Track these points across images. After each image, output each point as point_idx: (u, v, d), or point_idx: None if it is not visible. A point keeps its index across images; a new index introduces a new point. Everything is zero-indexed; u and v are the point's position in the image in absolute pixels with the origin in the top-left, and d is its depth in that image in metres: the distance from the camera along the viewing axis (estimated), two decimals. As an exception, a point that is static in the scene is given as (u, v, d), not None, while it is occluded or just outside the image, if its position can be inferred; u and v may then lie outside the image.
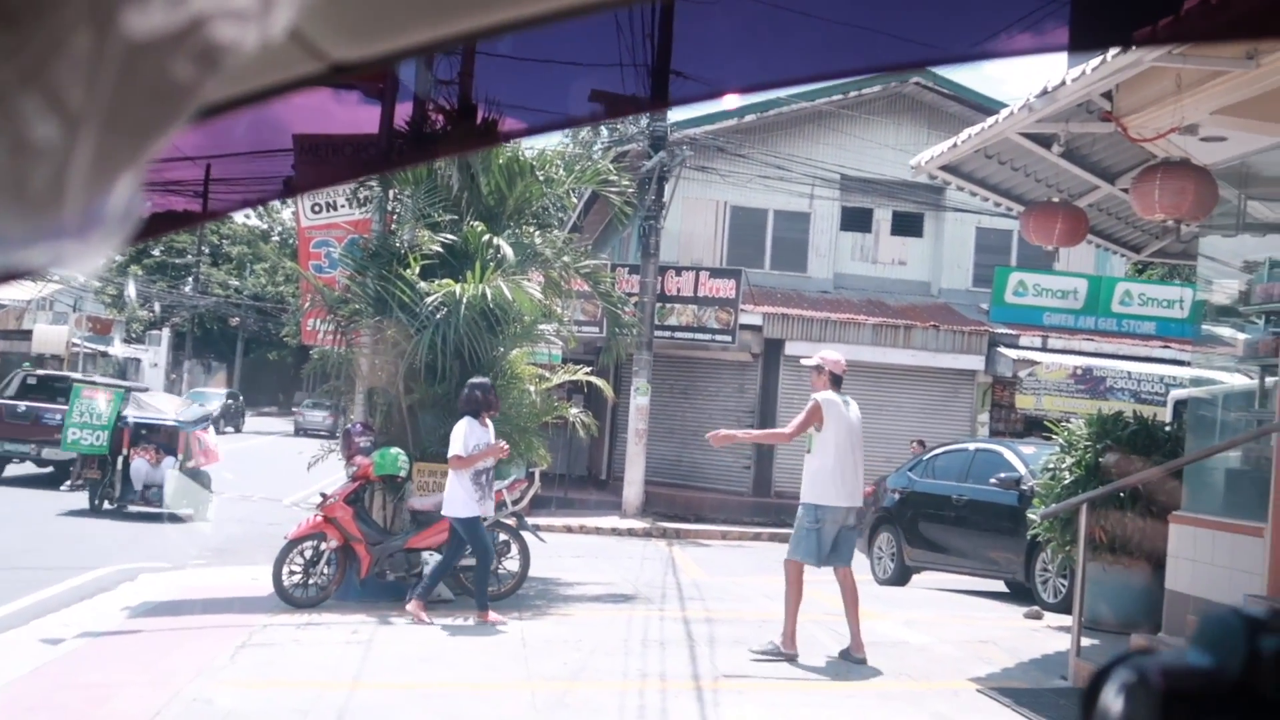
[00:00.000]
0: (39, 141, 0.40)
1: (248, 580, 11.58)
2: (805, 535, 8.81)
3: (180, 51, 0.42)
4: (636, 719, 6.85)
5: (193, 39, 0.42)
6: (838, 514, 8.77)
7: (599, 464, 25.98)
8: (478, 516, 9.94)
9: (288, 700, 6.98)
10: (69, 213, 0.42)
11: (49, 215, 0.42)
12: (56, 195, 0.41)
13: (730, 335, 21.90)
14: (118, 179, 0.44)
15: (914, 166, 10.56)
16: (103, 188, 0.43)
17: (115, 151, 0.42)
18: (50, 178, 0.41)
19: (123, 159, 0.43)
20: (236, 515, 18.18)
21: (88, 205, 0.43)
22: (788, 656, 8.51)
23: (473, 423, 10.02)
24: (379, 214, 12.88)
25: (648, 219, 20.71)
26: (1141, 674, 0.81)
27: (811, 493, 8.79)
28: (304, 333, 15.38)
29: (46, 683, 7.46)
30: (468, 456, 9.82)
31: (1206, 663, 0.81)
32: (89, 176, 0.42)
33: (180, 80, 0.43)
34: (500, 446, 10.22)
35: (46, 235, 0.42)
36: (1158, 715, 0.79)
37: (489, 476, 10.13)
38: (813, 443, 8.84)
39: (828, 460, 8.73)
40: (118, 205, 0.44)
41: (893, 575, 14.64)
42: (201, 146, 1.04)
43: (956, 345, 22.45)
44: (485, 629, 9.45)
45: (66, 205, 0.42)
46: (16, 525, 15.35)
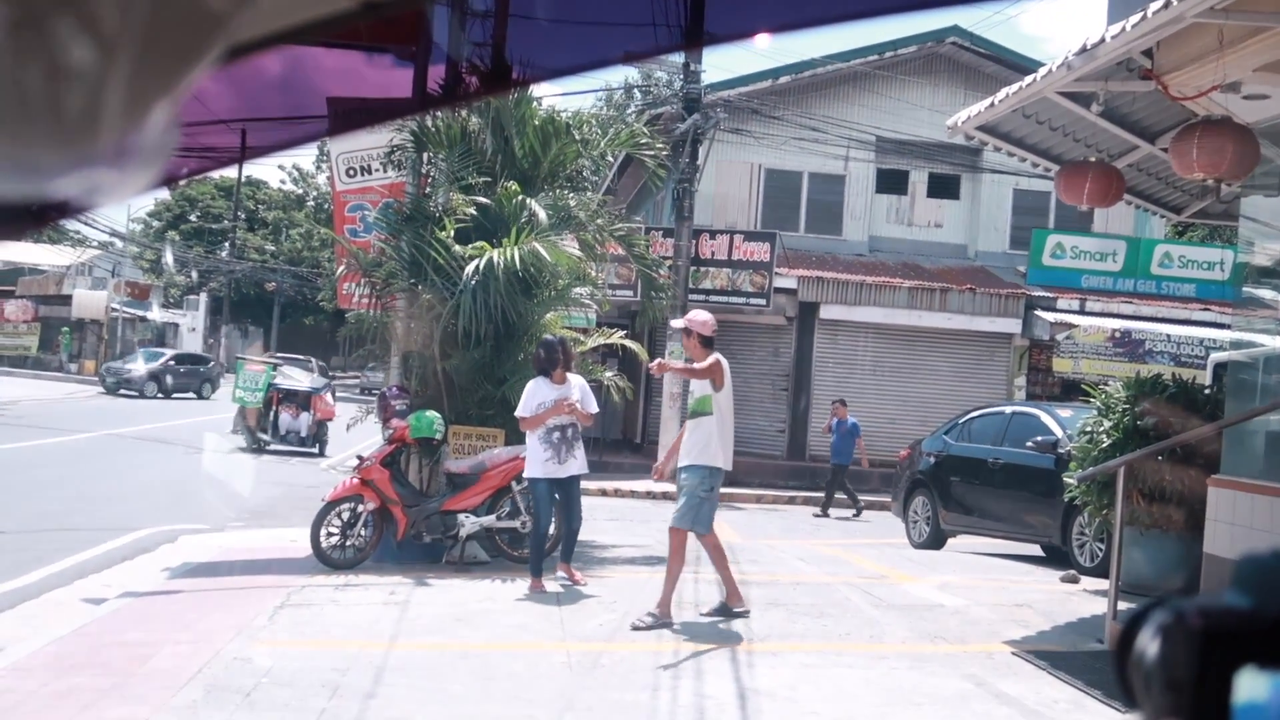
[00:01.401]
0: (74, 65, 0.39)
1: (286, 542, 11.70)
2: (702, 503, 8.51)
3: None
4: (672, 680, 6.88)
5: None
6: (721, 478, 8.68)
7: (633, 427, 26.01)
8: (542, 478, 9.62)
9: (326, 659, 7.05)
10: (104, 140, 0.42)
11: (84, 142, 0.41)
12: (92, 122, 0.41)
13: (765, 299, 21.84)
14: (152, 109, 0.43)
15: (950, 127, 10.45)
16: (137, 117, 0.42)
17: (149, 80, 0.42)
18: (85, 104, 0.40)
19: (157, 88, 0.43)
20: (275, 477, 18.35)
21: (122, 134, 0.42)
22: (665, 624, 8.24)
23: (540, 382, 9.74)
24: (413, 177, 12.88)
25: (682, 182, 20.65)
26: (1178, 615, 0.80)
27: (707, 455, 8.53)
28: (340, 297, 15.45)
29: (89, 641, 7.57)
30: (531, 416, 9.61)
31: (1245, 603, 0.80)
32: (123, 104, 0.41)
33: (214, 8, 0.42)
34: (565, 403, 9.62)
35: (82, 163, 0.42)
36: (1195, 655, 0.78)
37: (565, 435, 9.67)
38: (710, 403, 8.57)
39: (724, 423, 8.59)
40: (151, 136, 0.44)
41: (928, 539, 14.62)
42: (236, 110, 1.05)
43: (993, 308, 22.32)
44: (523, 588, 9.49)
45: (101, 132, 0.41)
46: (58, 488, 15.55)
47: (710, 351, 8.62)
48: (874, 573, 11.38)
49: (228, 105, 0.90)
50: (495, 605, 8.93)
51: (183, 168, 1.26)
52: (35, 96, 0.39)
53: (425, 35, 1.23)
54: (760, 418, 23.04)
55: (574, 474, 9.77)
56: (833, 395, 22.66)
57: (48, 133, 0.40)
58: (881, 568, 11.75)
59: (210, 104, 0.91)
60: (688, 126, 20.32)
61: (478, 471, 10.68)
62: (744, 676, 7.00)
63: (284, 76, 0.80)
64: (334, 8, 0.61)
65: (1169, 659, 0.79)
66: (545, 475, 9.63)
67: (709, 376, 8.52)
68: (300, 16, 0.61)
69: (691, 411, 8.72)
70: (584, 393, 9.87)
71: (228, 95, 0.81)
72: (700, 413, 8.59)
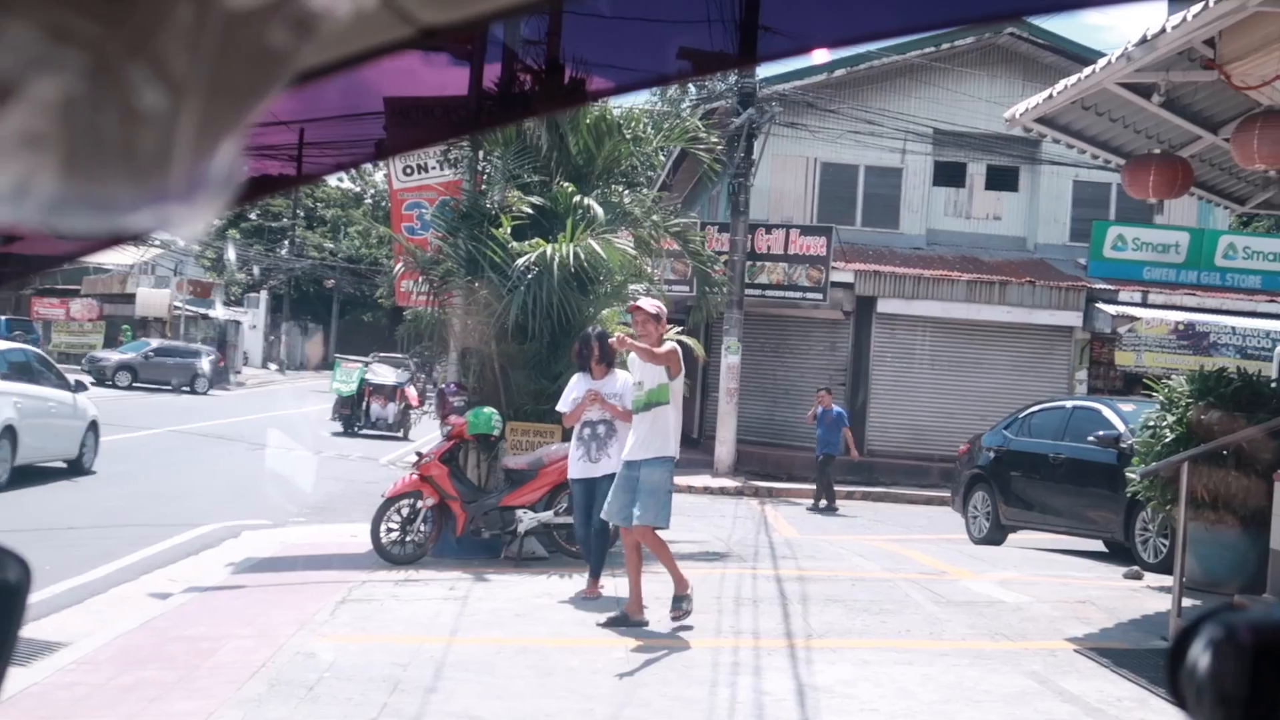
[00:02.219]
0: (146, 109, 0.41)
1: (347, 537, 11.82)
2: (668, 497, 8.31)
3: (277, 20, 0.43)
4: (730, 676, 6.88)
5: (288, 8, 0.43)
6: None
7: (690, 423, 26.03)
8: (579, 478, 9.21)
9: (386, 654, 7.12)
10: (175, 176, 0.43)
11: (156, 179, 0.43)
12: (163, 160, 0.42)
13: (821, 293, 21.74)
14: (220, 144, 0.45)
15: (1008, 119, 10.36)
16: (206, 152, 0.44)
17: (217, 117, 0.44)
18: (157, 143, 0.42)
19: (224, 124, 0.44)
20: (335, 473, 18.55)
21: (192, 169, 0.44)
22: (638, 623, 8.07)
23: (579, 377, 9.38)
24: (469, 175, 12.96)
25: (737, 176, 20.62)
26: (1230, 630, 0.80)
27: (670, 447, 8.27)
28: (398, 294, 15.57)
29: (155, 635, 7.69)
30: (568, 412, 9.32)
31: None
32: (193, 142, 0.43)
33: (277, 48, 0.44)
34: (593, 395, 9.12)
35: (154, 199, 0.44)
36: (1246, 671, 0.78)
37: (596, 432, 9.12)
38: (668, 392, 8.23)
39: (677, 413, 8.38)
40: (220, 169, 0.45)
41: (988, 534, 14.51)
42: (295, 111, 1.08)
43: (1053, 301, 22.07)
44: (582, 584, 9.52)
45: (172, 169, 0.43)
46: (124, 484, 15.81)
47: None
48: (933, 569, 11.31)
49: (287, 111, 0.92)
50: (554, 600, 8.98)
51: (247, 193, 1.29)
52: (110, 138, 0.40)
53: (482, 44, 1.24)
54: (817, 413, 22.94)
55: (607, 473, 9.04)
56: (891, 390, 22.58)
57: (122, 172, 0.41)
58: (941, 563, 11.68)
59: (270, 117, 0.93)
60: (743, 121, 20.28)
61: (535, 467, 10.72)
62: (802, 673, 6.98)
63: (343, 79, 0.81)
64: (392, 35, 0.62)
65: (1221, 674, 0.78)
66: (576, 475, 9.28)
67: (667, 363, 8.19)
68: (360, 45, 0.63)
69: (645, 402, 8.28)
70: (624, 388, 9.06)
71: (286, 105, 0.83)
72: (656, 403, 8.23)
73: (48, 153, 0.40)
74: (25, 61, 0.38)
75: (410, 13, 0.60)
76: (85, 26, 0.39)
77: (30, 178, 0.41)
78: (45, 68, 0.39)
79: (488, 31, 1.13)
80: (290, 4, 0.43)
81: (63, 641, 7.36)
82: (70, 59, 0.39)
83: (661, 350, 8.18)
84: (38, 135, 0.40)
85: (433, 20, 0.62)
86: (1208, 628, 0.81)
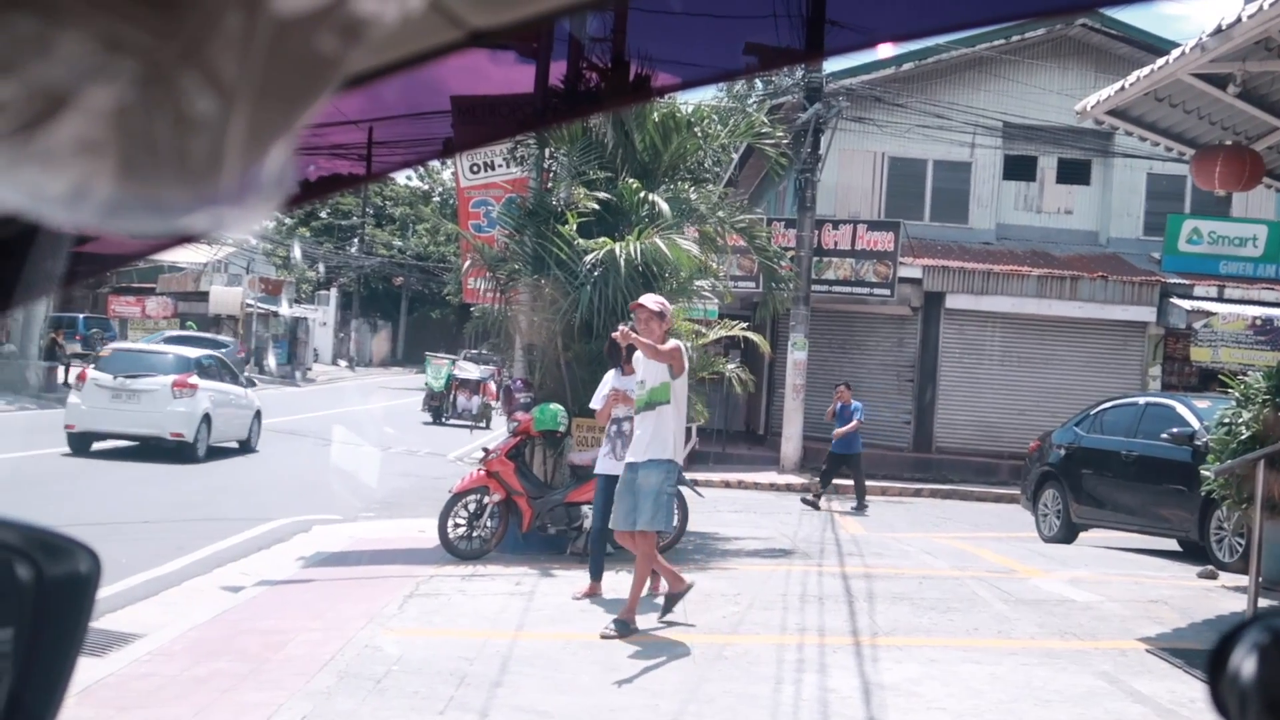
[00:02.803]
0: (198, 115, 0.42)
1: (415, 532, 11.93)
2: (669, 500, 8.08)
3: (325, 27, 0.44)
4: (795, 673, 6.86)
5: (336, 14, 0.43)
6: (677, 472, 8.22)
7: (757, 419, 25.98)
8: (603, 474, 9.13)
9: (453, 648, 7.19)
10: (227, 180, 0.44)
11: (209, 183, 0.44)
12: (215, 164, 0.43)
13: (889, 289, 21.58)
14: (271, 148, 0.46)
15: (1079, 112, 10.22)
16: (257, 157, 0.45)
17: (268, 122, 0.44)
18: (209, 148, 0.43)
19: (275, 129, 0.45)
20: (403, 469, 18.73)
21: (244, 173, 0.45)
22: (633, 630, 7.76)
23: (611, 374, 9.41)
24: (536, 172, 13.02)
25: (803, 172, 20.52)
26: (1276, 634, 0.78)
27: (669, 449, 8.01)
28: (465, 291, 15.69)
29: (227, 628, 7.82)
30: (599, 409, 9.30)
31: None
32: (244, 146, 0.44)
33: (326, 54, 0.45)
34: (616, 394, 9.05)
35: (207, 202, 0.45)
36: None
37: (621, 429, 9.05)
38: (669, 391, 8.00)
39: (681, 414, 8.17)
40: (271, 172, 0.46)
41: (1059, 533, 14.33)
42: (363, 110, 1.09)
43: (1126, 296, 21.73)
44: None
45: (224, 173, 0.44)
46: (198, 479, 16.08)
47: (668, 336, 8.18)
48: (1002, 567, 11.20)
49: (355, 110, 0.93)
50: (618, 597, 8.99)
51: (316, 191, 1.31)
52: (164, 144, 0.41)
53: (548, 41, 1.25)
54: (885, 409, 22.77)
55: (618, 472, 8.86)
56: (959, 386, 22.36)
57: (175, 176, 0.42)
58: (1010, 562, 11.56)
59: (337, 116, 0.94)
60: (809, 116, 20.17)
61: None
62: (868, 671, 6.94)
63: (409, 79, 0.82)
64: (442, 39, 0.63)
65: (1267, 680, 0.76)
66: (601, 470, 9.23)
67: (670, 360, 7.97)
68: (409, 49, 0.63)
69: (646, 402, 8.08)
70: None
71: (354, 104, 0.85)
72: (657, 402, 8.01)
73: (104, 158, 0.42)
74: (79, 71, 0.39)
75: (460, 16, 0.61)
76: (138, 37, 0.40)
77: (88, 182, 0.42)
78: (99, 77, 0.40)
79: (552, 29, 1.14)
80: (338, 11, 0.44)
81: (138, 633, 7.51)
82: (123, 68, 0.40)
83: (665, 347, 7.96)
84: (94, 141, 0.41)
85: (482, 23, 0.62)
86: (1251, 633, 0.79)
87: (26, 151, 0.40)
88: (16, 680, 1.05)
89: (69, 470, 15.83)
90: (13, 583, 1.06)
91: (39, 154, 0.40)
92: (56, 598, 1.08)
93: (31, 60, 0.38)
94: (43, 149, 0.40)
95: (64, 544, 1.07)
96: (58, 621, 1.09)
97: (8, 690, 1.05)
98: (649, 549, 8.07)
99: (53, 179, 0.41)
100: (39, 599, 1.07)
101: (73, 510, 11.81)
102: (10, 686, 1.05)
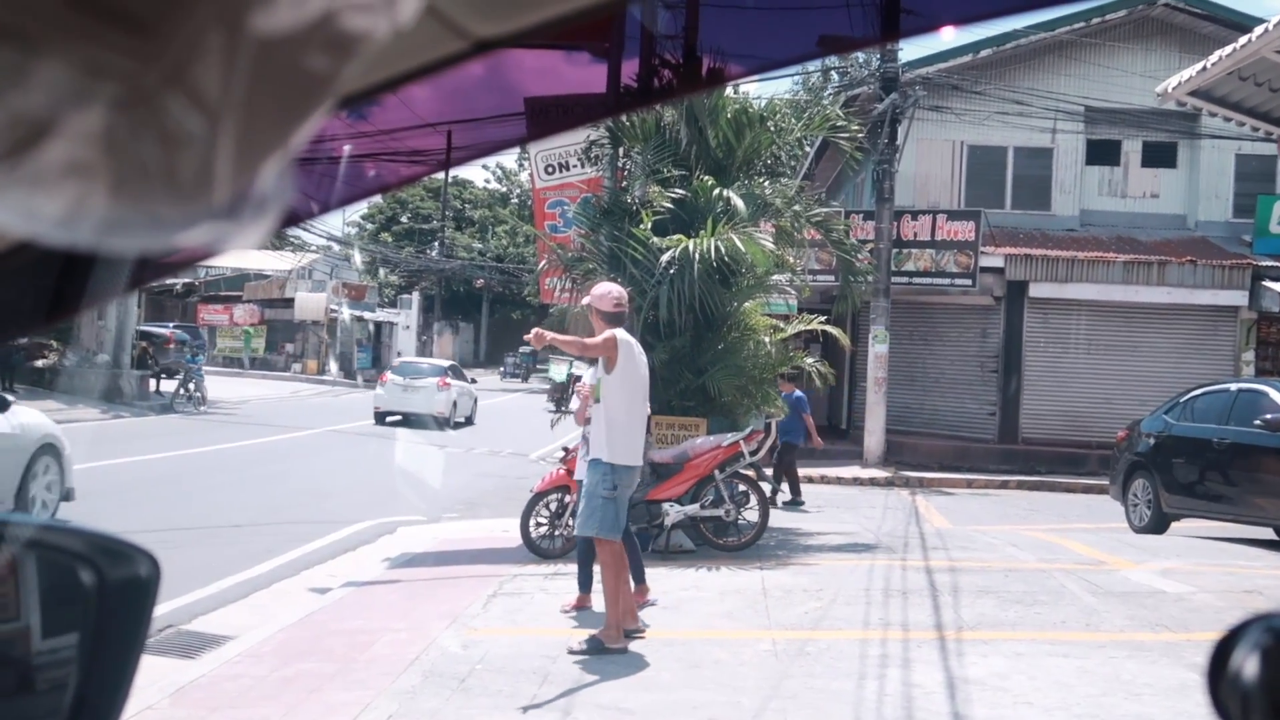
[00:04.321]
0: (184, 135, 0.43)
1: (498, 532, 12.02)
2: (603, 505, 7.24)
3: (311, 44, 0.44)
4: (878, 669, 6.81)
5: (322, 31, 0.44)
6: (634, 475, 7.47)
7: (838, 413, 25.81)
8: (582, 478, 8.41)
9: (536, 647, 7.23)
10: (218, 197, 0.45)
11: (200, 200, 0.45)
12: (205, 182, 0.44)
13: (970, 279, 21.32)
14: (264, 164, 0.47)
15: (1160, 94, 10.02)
16: (248, 174, 0.46)
17: (257, 140, 0.45)
18: (198, 166, 0.44)
19: (267, 146, 0.46)
20: (487, 469, 18.89)
21: (235, 190, 0.46)
22: (614, 650, 7.14)
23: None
24: (610, 172, 13.05)
25: (881, 163, 20.34)
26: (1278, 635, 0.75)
27: (604, 449, 7.27)
28: (543, 291, 15.78)
29: (314, 629, 7.94)
30: (578, 409, 8.90)
31: None
32: (234, 164, 0.45)
33: (315, 70, 0.45)
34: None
35: (200, 218, 0.46)
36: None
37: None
38: (600, 388, 7.41)
39: (619, 412, 7.29)
40: (264, 189, 0.47)
41: (1149, 523, 14.05)
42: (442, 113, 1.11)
43: (1216, 280, 21.25)
44: (729, 576, 9.52)
45: (215, 190, 0.45)
46: (285, 482, 16.35)
47: (609, 328, 7.38)
48: (1090, 559, 11.01)
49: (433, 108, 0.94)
50: (701, 593, 8.99)
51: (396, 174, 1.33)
52: (153, 163, 0.42)
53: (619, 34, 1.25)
54: (969, 400, 22.55)
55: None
56: (1045, 376, 22.03)
57: (167, 193, 0.43)
58: (1098, 553, 11.36)
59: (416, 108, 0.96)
60: (885, 106, 20.00)
61: (681, 461, 10.74)
62: (953, 665, 6.87)
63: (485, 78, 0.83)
64: (448, 50, 0.63)
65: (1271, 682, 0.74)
66: (580, 475, 8.61)
67: (591, 354, 7.48)
68: (411, 62, 0.64)
69: (596, 399, 7.58)
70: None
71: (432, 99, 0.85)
72: (598, 400, 7.49)
73: (95, 179, 0.43)
74: (62, 98, 0.40)
75: (464, 26, 0.61)
76: (119, 62, 0.41)
77: (82, 202, 0.43)
78: (82, 102, 0.41)
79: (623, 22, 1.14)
80: (323, 28, 0.44)
81: (228, 635, 7.65)
82: (106, 92, 0.41)
83: (591, 340, 7.37)
84: (83, 163, 0.42)
85: (488, 32, 0.63)
86: (1253, 632, 0.77)
87: (15, 176, 0.41)
88: (81, 682, 1.09)
89: (164, 475, 16.17)
90: (76, 588, 1.09)
91: (28, 177, 0.41)
92: (118, 602, 1.11)
93: (10, 90, 0.39)
94: (31, 173, 0.41)
95: (125, 549, 1.10)
96: (120, 625, 1.12)
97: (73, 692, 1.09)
98: (605, 558, 7.42)
99: (46, 201, 0.42)
100: (101, 603, 1.10)
101: (165, 514, 12.07)
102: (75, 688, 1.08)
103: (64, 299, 0.79)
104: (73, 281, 0.78)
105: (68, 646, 1.08)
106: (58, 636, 1.11)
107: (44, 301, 0.80)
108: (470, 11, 0.60)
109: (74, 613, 1.09)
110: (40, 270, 0.75)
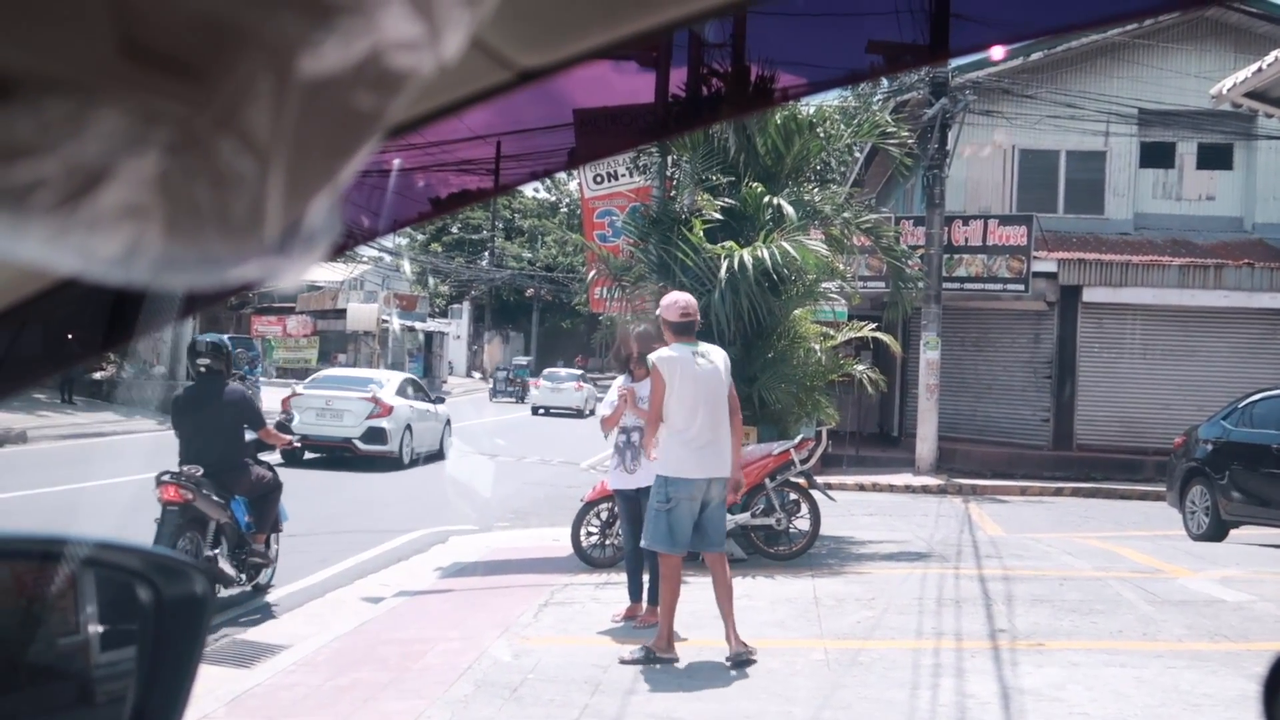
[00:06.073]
0: (235, 176, 0.44)
1: (549, 541, 12.05)
2: (655, 517, 7.25)
3: (358, 84, 0.45)
4: (932, 679, 6.76)
5: (368, 71, 0.45)
6: (692, 489, 7.20)
7: (890, 420, 25.67)
8: (623, 489, 8.62)
9: (588, 656, 7.25)
10: (268, 234, 0.46)
11: (251, 238, 0.46)
12: (256, 220, 0.46)
13: (1023, 284, 21.14)
14: (312, 200, 0.48)
15: (1215, 96, 9.90)
16: (299, 210, 0.47)
17: (306, 178, 0.47)
18: (249, 205, 0.45)
19: (315, 183, 0.47)
20: (537, 479, 18.95)
21: (285, 227, 0.47)
22: (664, 660, 7.09)
23: (621, 379, 8.85)
24: (659, 180, 13.06)
25: (931, 169, 20.22)
26: None
27: (660, 461, 7.32)
28: (592, 301, 15.82)
29: (368, 638, 8.00)
30: (608, 415, 8.67)
31: None
32: (284, 202, 0.46)
33: (363, 108, 0.46)
34: (629, 392, 8.28)
35: (251, 254, 0.47)
36: None
37: (630, 440, 8.53)
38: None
39: (674, 423, 7.21)
40: (313, 224, 0.48)
41: (1208, 530, 13.85)
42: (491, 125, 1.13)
43: (1275, 283, 20.94)
44: (780, 585, 9.49)
45: (266, 228, 0.46)
46: (338, 492, 16.49)
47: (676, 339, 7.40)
48: (1147, 567, 10.88)
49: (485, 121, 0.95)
50: (752, 602, 8.96)
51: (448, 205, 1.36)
52: (205, 204, 0.44)
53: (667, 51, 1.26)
54: (1022, 407, 22.35)
55: (643, 485, 8.12)
56: (1100, 382, 21.81)
57: (219, 232, 0.45)
58: (1156, 561, 11.22)
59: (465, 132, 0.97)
60: (935, 111, 19.88)
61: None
62: (1007, 675, 6.81)
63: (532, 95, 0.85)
64: (489, 81, 0.64)
65: None
66: (614, 486, 8.82)
67: (658, 411, 7.35)
68: (460, 91, 0.65)
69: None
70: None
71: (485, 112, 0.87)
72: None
73: (150, 220, 0.44)
74: (117, 145, 0.42)
75: (509, 58, 0.62)
76: (172, 109, 0.42)
77: (137, 243, 0.45)
78: (137, 148, 0.42)
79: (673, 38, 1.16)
80: (369, 68, 0.45)
81: (283, 644, 7.72)
82: (160, 138, 0.43)
83: (651, 412, 7.43)
84: (138, 206, 0.44)
85: (531, 63, 0.64)
86: None
87: (73, 221, 0.42)
88: (140, 695, 1.11)
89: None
90: (135, 604, 1.12)
91: (86, 220, 0.43)
92: (175, 618, 1.13)
93: (67, 140, 0.40)
94: (89, 216, 0.43)
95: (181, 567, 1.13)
96: (176, 640, 1.14)
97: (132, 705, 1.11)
98: (663, 570, 7.38)
99: (103, 242, 0.44)
100: (159, 619, 1.12)
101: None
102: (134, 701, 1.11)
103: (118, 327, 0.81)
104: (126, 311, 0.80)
105: (126, 660, 1.10)
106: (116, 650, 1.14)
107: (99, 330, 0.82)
108: (514, 43, 0.61)
109: (132, 628, 1.12)
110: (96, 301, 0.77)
